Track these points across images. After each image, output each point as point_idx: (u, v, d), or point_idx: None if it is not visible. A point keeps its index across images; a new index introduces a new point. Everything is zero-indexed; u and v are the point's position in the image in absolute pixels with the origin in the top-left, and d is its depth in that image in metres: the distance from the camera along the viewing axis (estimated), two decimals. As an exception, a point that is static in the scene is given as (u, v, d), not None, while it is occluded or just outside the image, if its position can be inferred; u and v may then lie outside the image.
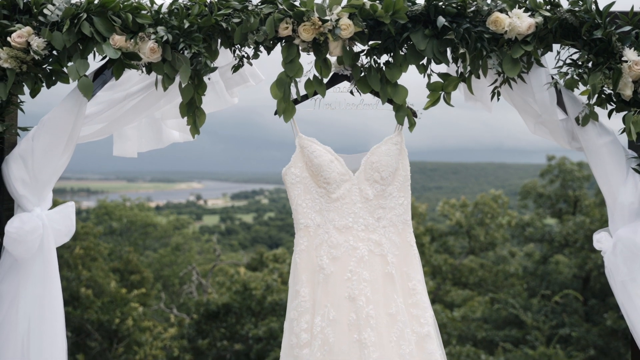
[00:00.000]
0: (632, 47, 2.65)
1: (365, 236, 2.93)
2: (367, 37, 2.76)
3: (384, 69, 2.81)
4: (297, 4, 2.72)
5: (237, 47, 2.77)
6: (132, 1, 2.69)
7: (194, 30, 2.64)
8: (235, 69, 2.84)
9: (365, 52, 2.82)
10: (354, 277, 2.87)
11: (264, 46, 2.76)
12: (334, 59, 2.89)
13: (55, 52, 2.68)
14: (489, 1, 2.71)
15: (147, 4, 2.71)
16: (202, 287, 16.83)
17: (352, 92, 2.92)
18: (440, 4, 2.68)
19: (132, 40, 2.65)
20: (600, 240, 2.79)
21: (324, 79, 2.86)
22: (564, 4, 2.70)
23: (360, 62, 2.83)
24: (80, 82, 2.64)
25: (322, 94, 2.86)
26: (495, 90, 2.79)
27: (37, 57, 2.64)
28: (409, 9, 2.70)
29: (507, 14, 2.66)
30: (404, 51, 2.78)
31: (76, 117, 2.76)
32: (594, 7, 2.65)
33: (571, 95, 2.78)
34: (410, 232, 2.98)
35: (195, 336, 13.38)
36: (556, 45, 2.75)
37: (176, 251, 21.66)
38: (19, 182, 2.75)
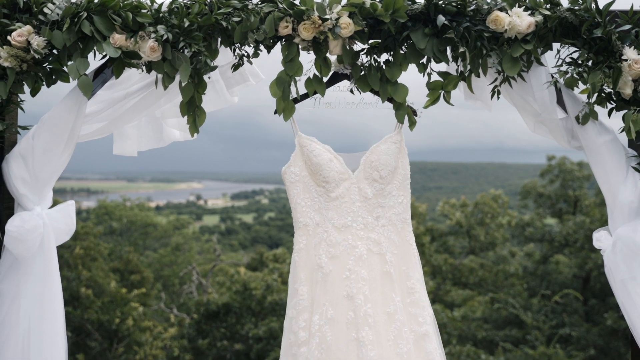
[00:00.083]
0: (632, 46, 2.65)
1: (364, 235, 2.93)
2: (367, 36, 2.76)
3: (384, 67, 2.81)
4: (297, 2, 2.72)
5: (237, 46, 2.77)
6: (132, 0, 2.69)
7: (194, 29, 2.65)
8: (235, 67, 2.85)
9: (365, 51, 2.82)
10: (353, 276, 2.87)
11: (264, 45, 2.76)
12: (333, 58, 2.89)
13: (55, 51, 2.68)
14: (488, 0, 2.71)
15: (147, 3, 2.71)
16: (202, 287, 16.84)
17: (352, 90, 2.92)
18: (440, 2, 2.68)
19: (132, 39, 2.65)
20: (599, 239, 2.79)
21: (324, 78, 2.86)
22: (564, 2, 2.71)
23: (360, 61, 2.83)
24: (80, 81, 2.64)
25: (322, 93, 2.87)
26: (495, 89, 2.79)
27: (37, 56, 2.64)
28: (409, 8, 2.70)
29: (507, 13, 2.66)
30: (404, 50, 2.78)
31: (76, 115, 2.77)
32: (594, 5, 2.65)
33: (571, 94, 2.78)
34: (409, 231, 2.98)
35: (195, 336, 13.38)
36: (556, 44, 2.75)
37: (176, 251, 21.66)
38: (19, 181, 2.75)
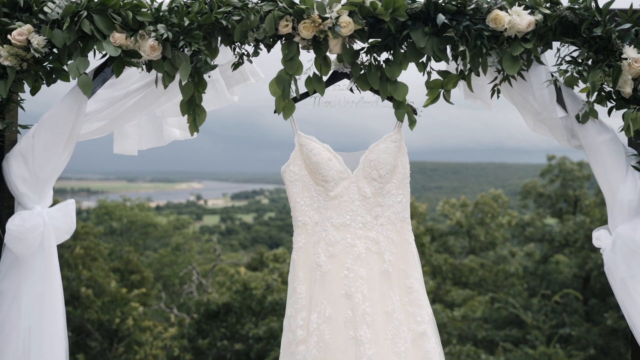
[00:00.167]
0: (632, 45, 2.65)
1: (362, 234, 2.93)
2: (367, 35, 2.76)
3: (384, 66, 2.81)
4: (297, 1, 2.72)
5: (237, 44, 2.77)
6: (132, -1, 2.69)
7: (194, 27, 2.65)
8: (235, 66, 2.85)
9: (365, 49, 2.82)
10: (351, 275, 2.88)
11: (264, 44, 2.76)
12: (333, 57, 2.89)
13: (55, 49, 2.68)
14: (488, -1, 2.71)
15: (147, 2, 2.71)
16: (203, 287, 16.83)
17: (351, 89, 2.92)
18: (440, 1, 2.69)
19: (132, 38, 2.65)
20: (599, 237, 2.79)
21: (324, 77, 2.86)
22: (564, 1, 2.71)
23: (360, 60, 2.83)
24: (80, 80, 2.64)
25: (321, 92, 2.87)
26: (495, 87, 2.79)
27: (37, 55, 2.64)
28: (409, 7, 2.70)
29: (506, 12, 2.67)
30: (404, 49, 2.78)
31: (76, 114, 2.77)
32: (594, 4, 2.65)
33: (571, 92, 2.78)
34: (408, 230, 2.98)
35: (195, 336, 13.37)
36: (556, 42, 2.75)
37: (176, 251, 21.66)
38: (19, 180, 2.75)
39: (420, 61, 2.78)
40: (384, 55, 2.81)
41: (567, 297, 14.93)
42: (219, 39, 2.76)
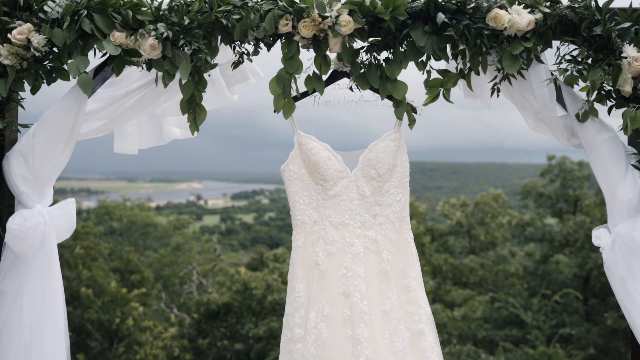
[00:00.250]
0: (632, 44, 2.65)
1: (361, 233, 2.94)
2: (366, 34, 2.76)
3: (384, 65, 2.81)
4: (297, 0, 2.72)
5: (237, 43, 2.77)
6: (132, -2, 2.69)
7: (194, 26, 2.65)
8: (235, 65, 2.85)
9: (365, 48, 2.82)
10: (349, 274, 2.88)
11: (264, 43, 2.76)
12: (333, 56, 2.89)
13: (55, 49, 2.69)
14: (488, -2, 2.71)
15: (148, 1, 2.71)
16: (203, 287, 16.84)
17: (351, 88, 2.92)
18: (440, 0, 2.69)
19: (132, 37, 2.65)
20: (599, 236, 2.79)
21: (323, 76, 2.86)
22: (564, 0, 2.71)
23: (359, 59, 2.83)
24: (80, 79, 2.64)
25: (321, 91, 2.87)
26: (494, 86, 2.79)
27: (37, 54, 2.64)
28: (409, 6, 2.70)
29: (506, 11, 2.67)
30: (404, 48, 2.78)
31: (76, 113, 2.77)
32: (594, 3, 2.65)
33: (571, 91, 2.78)
34: (407, 229, 2.98)
35: (195, 336, 13.38)
36: (556, 41, 2.75)
37: (176, 251, 21.66)
38: (19, 179, 2.75)
39: (420, 60, 2.78)
40: (384, 54, 2.81)
41: (567, 297, 14.93)
42: (219, 37, 2.77)
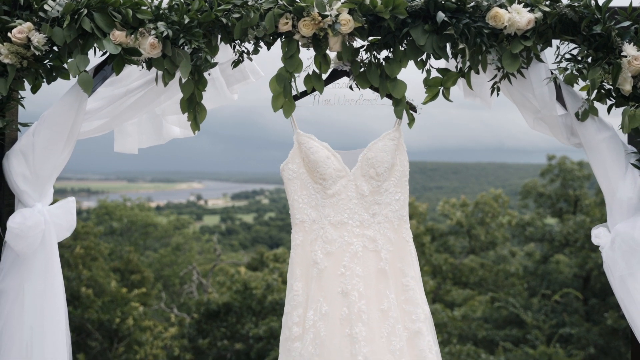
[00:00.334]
0: (632, 42, 2.65)
1: (360, 232, 2.94)
2: (366, 33, 2.76)
3: (384, 64, 2.81)
4: (297, -1, 2.73)
5: (237, 42, 2.78)
6: (133, -3, 2.69)
7: (194, 25, 2.65)
8: (235, 64, 2.85)
9: (364, 47, 2.82)
10: (348, 273, 2.88)
11: (264, 41, 2.77)
12: (333, 55, 2.89)
13: (55, 47, 2.69)
14: (488, -4, 2.71)
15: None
16: (203, 287, 16.84)
17: (351, 87, 2.92)
18: (439, -1, 2.69)
19: (132, 35, 2.65)
20: (598, 235, 2.79)
21: (323, 75, 2.86)
22: (563, -1, 2.71)
23: (359, 58, 2.84)
24: (80, 78, 2.65)
25: (320, 90, 2.87)
26: (494, 85, 2.79)
27: (37, 53, 2.64)
28: (409, 4, 2.70)
29: (506, 9, 2.67)
30: (404, 46, 2.78)
31: (76, 112, 2.77)
32: (594, 2, 2.65)
33: (571, 90, 2.78)
34: (406, 228, 2.99)
35: (195, 336, 13.38)
36: (556, 40, 2.75)
37: (176, 251, 21.66)
38: (19, 178, 2.76)
39: (419, 59, 2.78)
40: (384, 53, 2.81)
41: (567, 297, 14.93)
42: (219, 36, 2.77)
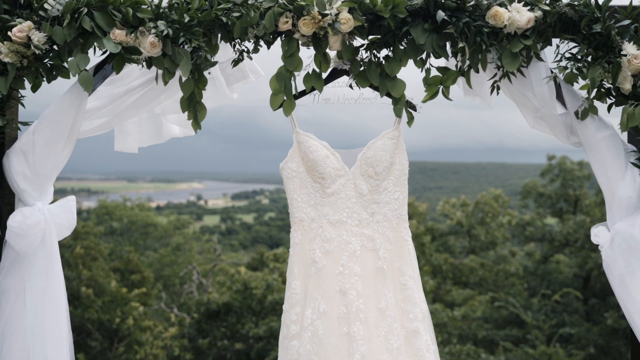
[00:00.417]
0: (632, 41, 2.65)
1: (358, 231, 2.94)
2: (366, 32, 2.76)
3: (384, 63, 2.81)
4: (296, -2, 2.73)
5: (237, 41, 2.78)
6: (133, -4, 2.70)
7: (194, 24, 2.65)
8: (235, 63, 2.85)
9: (364, 46, 2.82)
10: (346, 271, 2.88)
11: (264, 40, 2.77)
12: (333, 54, 2.89)
13: (55, 46, 2.69)
14: (488, -5, 2.71)
15: (148, -2, 2.72)
16: (203, 287, 16.84)
17: (351, 86, 2.92)
18: (439, -2, 2.69)
19: (132, 34, 2.66)
20: (597, 234, 2.79)
21: (323, 74, 2.86)
22: (563, -2, 2.71)
23: (359, 57, 2.84)
24: (80, 76, 2.65)
25: (320, 89, 2.87)
26: (494, 84, 2.79)
27: (37, 52, 2.64)
28: (409, 3, 2.70)
29: (506, 8, 2.67)
30: (404, 45, 2.78)
31: (77, 111, 2.77)
32: (593, 1, 2.65)
33: (570, 89, 2.78)
34: (405, 227, 2.99)
35: (195, 335, 13.39)
36: (555, 39, 2.75)
37: (176, 251, 21.67)
38: (20, 176, 2.76)
39: (419, 58, 2.78)
40: (384, 51, 2.81)
41: (568, 297, 14.93)
42: (219, 35, 2.77)
